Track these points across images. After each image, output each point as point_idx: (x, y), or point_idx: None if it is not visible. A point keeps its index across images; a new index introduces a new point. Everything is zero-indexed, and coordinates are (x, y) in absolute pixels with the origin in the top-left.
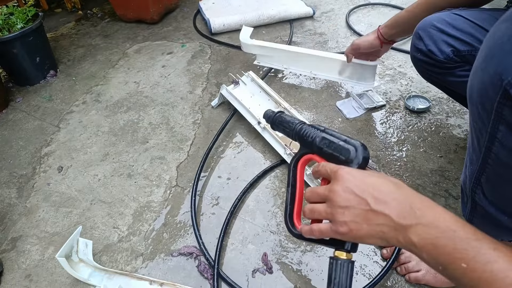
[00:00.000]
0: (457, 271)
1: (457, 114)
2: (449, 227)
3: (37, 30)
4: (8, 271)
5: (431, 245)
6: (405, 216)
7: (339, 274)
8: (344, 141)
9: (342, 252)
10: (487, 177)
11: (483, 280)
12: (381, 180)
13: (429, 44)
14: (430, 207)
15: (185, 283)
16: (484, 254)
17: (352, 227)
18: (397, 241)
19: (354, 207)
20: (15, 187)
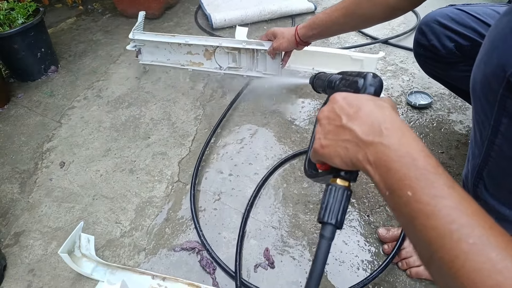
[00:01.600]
0: (402, 199)
1: (459, 110)
2: (410, 154)
3: (38, 26)
4: (11, 266)
5: (385, 167)
6: (369, 133)
7: (332, 199)
8: (356, 75)
9: (336, 178)
10: (489, 170)
11: (423, 213)
12: (367, 101)
13: (432, 39)
14: (400, 130)
15: (188, 277)
16: (436, 188)
17: (323, 143)
18: (357, 159)
19: (329, 124)
20: (17, 182)
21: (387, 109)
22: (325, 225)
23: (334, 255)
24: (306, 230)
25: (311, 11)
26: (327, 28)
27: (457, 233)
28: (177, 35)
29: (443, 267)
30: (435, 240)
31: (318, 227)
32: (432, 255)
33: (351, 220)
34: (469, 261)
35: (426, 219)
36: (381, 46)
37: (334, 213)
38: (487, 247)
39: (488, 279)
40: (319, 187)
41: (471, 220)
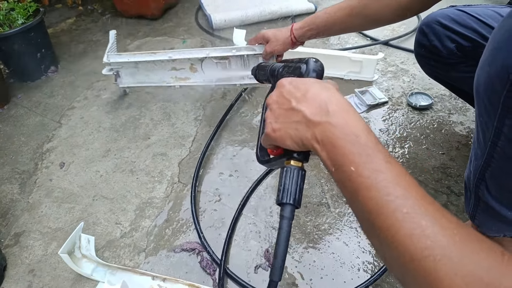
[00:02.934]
0: (345, 174)
1: (460, 111)
2: (354, 132)
3: (38, 26)
4: (11, 266)
5: (331, 144)
6: (317, 114)
7: (289, 180)
8: (298, 62)
9: (289, 160)
10: (492, 172)
11: (364, 186)
12: (313, 84)
13: (433, 40)
14: (346, 111)
15: (188, 278)
16: (375, 163)
17: (274, 127)
18: (306, 138)
19: (279, 108)
20: (17, 183)
21: (332, 91)
22: (284, 206)
23: (335, 256)
24: (306, 231)
25: (312, 12)
26: (328, 29)
27: (393, 204)
28: (158, 52)
29: (381, 235)
30: (374, 210)
31: (318, 227)
32: (372, 224)
33: (352, 221)
34: (402, 228)
35: (367, 192)
36: (381, 47)
37: (291, 194)
38: (418, 215)
39: (418, 243)
40: (319, 187)
41: (405, 192)
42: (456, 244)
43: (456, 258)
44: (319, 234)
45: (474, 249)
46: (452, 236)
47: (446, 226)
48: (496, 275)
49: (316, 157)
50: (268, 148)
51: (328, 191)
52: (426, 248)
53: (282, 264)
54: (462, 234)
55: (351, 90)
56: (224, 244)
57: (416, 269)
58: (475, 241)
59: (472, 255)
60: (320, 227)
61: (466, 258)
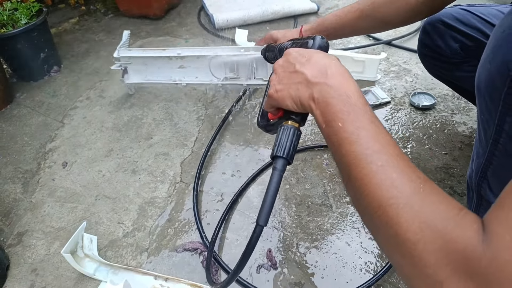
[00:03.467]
0: (333, 129)
1: (462, 111)
2: (346, 92)
3: (41, 26)
4: (14, 265)
5: (324, 103)
6: (317, 76)
7: (284, 137)
8: (306, 38)
9: (287, 120)
10: (494, 170)
11: (348, 141)
12: (317, 53)
13: (436, 39)
14: (343, 75)
15: (190, 278)
16: (361, 121)
17: (277, 88)
18: (304, 98)
19: (284, 71)
20: (20, 182)
21: (333, 59)
22: (277, 158)
23: (337, 256)
24: (308, 231)
25: (314, 12)
26: (337, 31)
27: (370, 157)
28: (168, 48)
29: (356, 183)
30: (353, 162)
31: (320, 227)
32: (350, 175)
33: (354, 221)
34: (375, 178)
35: (349, 145)
36: (384, 47)
37: (286, 149)
38: (390, 168)
39: (386, 192)
40: (321, 188)
41: (383, 148)
42: (419, 194)
43: (417, 207)
44: (322, 234)
45: (435, 201)
46: (417, 188)
47: (414, 179)
48: (449, 224)
49: (318, 157)
50: (269, 112)
51: (331, 191)
52: (392, 197)
53: (268, 210)
54: (426, 187)
55: None
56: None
57: (381, 215)
58: (437, 194)
59: (432, 206)
60: (323, 227)
61: (426, 208)
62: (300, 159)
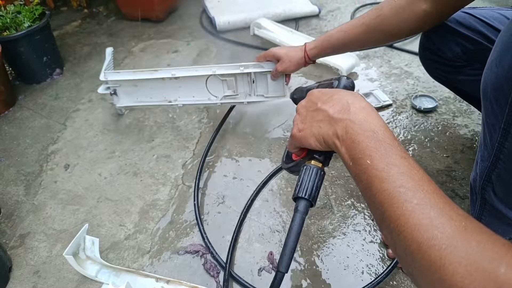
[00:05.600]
0: (361, 167)
1: (464, 114)
2: (372, 128)
3: (44, 29)
4: (16, 267)
5: (349, 140)
6: (340, 112)
7: (306, 177)
8: (331, 79)
9: (310, 160)
10: (498, 174)
11: (378, 178)
12: (340, 91)
13: (438, 43)
14: (366, 110)
15: (191, 281)
16: (390, 157)
17: (300, 127)
18: (328, 135)
19: (306, 110)
20: (22, 185)
21: (356, 95)
22: (299, 200)
23: (338, 259)
24: (310, 234)
25: (315, 14)
26: (344, 46)
27: (404, 195)
28: (160, 69)
29: (391, 224)
30: (386, 201)
31: (322, 230)
32: (383, 215)
33: (356, 224)
34: (411, 218)
35: (380, 183)
36: (385, 49)
37: (308, 190)
38: (427, 207)
39: (425, 232)
40: (323, 191)
41: (416, 185)
42: (462, 234)
43: (461, 248)
44: (323, 237)
45: (480, 240)
46: (459, 227)
47: (454, 217)
48: (498, 265)
49: None
50: (293, 152)
51: (332, 193)
52: (433, 238)
53: (290, 256)
54: (469, 225)
55: None
56: (230, 247)
57: (423, 258)
58: (481, 233)
59: (477, 246)
60: (324, 230)
61: (471, 249)
62: None
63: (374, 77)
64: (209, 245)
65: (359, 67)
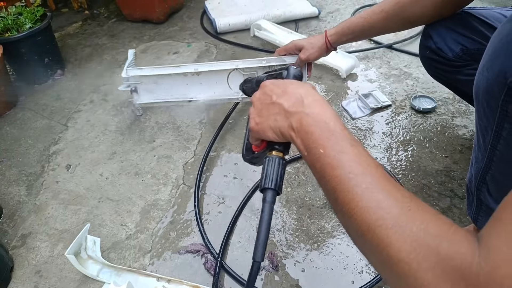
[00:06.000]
0: (315, 156)
1: (463, 114)
2: (324, 119)
3: (45, 30)
4: (18, 267)
5: (304, 131)
6: (294, 105)
7: (270, 168)
8: (280, 69)
9: (272, 151)
10: (492, 175)
11: (330, 166)
12: (292, 83)
13: (438, 42)
14: (319, 103)
15: (192, 280)
16: (341, 145)
17: (257, 120)
18: (284, 128)
19: (261, 103)
20: (24, 185)
21: (308, 87)
22: (266, 190)
23: (338, 258)
24: (310, 233)
25: (315, 16)
26: (363, 33)
27: (354, 180)
28: (183, 65)
29: (343, 208)
30: (338, 187)
31: (321, 230)
32: (336, 199)
33: None
34: (361, 201)
35: (332, 170)
36: (385, 50)
37: (273, 180)
38: (376, 190)
39: (374, 214)
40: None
41: (365, 170)
42: (407, 214)
43: (406, 227)
44: (322, 237)
45: (423, 219)
46: (404, 207)
47: (400, 199)
48: (442, 241)
49: None
50: (253, 144)
51: None
52: (380, 218)
53: (264, 245)
54: (413, 206)
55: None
56: (223, 239)
57: (372, 238)
58: (426, 212)
59: (421, 224)
60: (324, 229)
61: (415, 227)
62: (302, 162)
63: (373, 78)
64: (209, 245)
65: (358, 68)
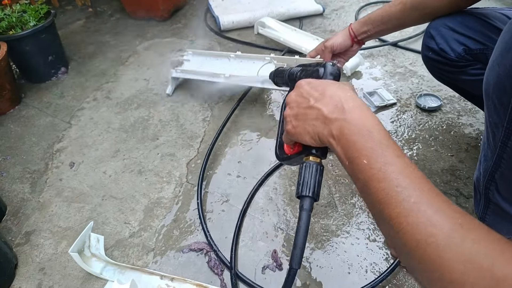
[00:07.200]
0: (358, 166)
1: (469, 113)
2: (367, 127)
3: (49, 28)
4: (22, 264)
5: (345, 140)
6: (334, 111)
7: (307, 175)
8: (316, 65)
9: (308, 156)
10: (502, 173)
11: (375, 177)
12: (330, 84)
13: (440, 43)
14: (360, 109)
15: (196, 278)
16: (386, 156)
17: (294, 124)
18: (323, 135)
19: (298, 106)
20: (28, 182)
21: (348, 91)
22: (303, 198)
23: (342, 258)
24: (314, 232)
25: (320, 13)
26: (383, 24)
27: (401, 194)
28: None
29: (390, 222)
30: (384, 200)
31: (326, 229)
32: (382, 213)
33: (360, 223)
34: (410, 216)
35: (377, 183)
36: (390, 48)
37: (310, 187)
38: (425, 205)
39: (423, 230)
40: (327, 189)
41: (413, 184)
42: (458, 232)
43: (458, 245)
44: (327, 235)
45: (476, 237)
46: (455, 224)
47: (451, 215)
48: (494, 261)
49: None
50: (287, 145)
51: (336, 192)
52: (431, 236)
53: (301, 252)
54: (465, 223)
55: (359, 92)
56: (232, 246)
57: (421, 255)
58: (477, 230)
59: (473, 243)
60: (328, 228)
61: (468, 245)
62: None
63: (378, 76)
64: (213, 244)
65: (363, 66)
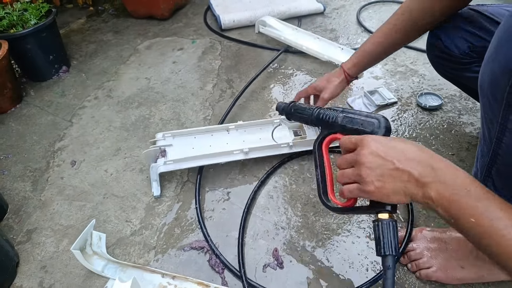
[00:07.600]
0: (467, 225)
1: (470, 112)
2: (464, 186)
3: (50, 26)
4: (23, 262)
5: (446, 201)
6: (426, 175)
7: (386, 233)
8: (366, 116)
9: (384, 213)
10: (498, 168)
11: (487, 234)
12: (405, 144)
13: (445, 40)
14: (449, 167)
15: (197, 276)
16: (492, 211)
17: (377, 185)
18: (418, 196)
19: (380, 168)
20: (29, 181)
21: (426, 150)
22: (387, 257)
23: (343, 256)
24: (314, 230)
25: (320, 12)
26: (379, 58)
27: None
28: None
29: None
30: (504, 254)
31: (326, 227)
32: (498, 262)
33: (360, 221)
34: None
35: (489, 239)
36: None
37: (392, 245)
38: None
39: None
40: None
41: None
42: None
43: None
44: (328, 234)
45: None
46: None
47: None
48: None
49: None
50: (348, 199)
51: (336, 191)
52: None
53: None
54: None
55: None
56: (238, 254)
57: None
58: None
59: None
60: (329, 226)
61: None
62: (307, 158)
63: (379, 74)
64: (211, 243)
65: None
